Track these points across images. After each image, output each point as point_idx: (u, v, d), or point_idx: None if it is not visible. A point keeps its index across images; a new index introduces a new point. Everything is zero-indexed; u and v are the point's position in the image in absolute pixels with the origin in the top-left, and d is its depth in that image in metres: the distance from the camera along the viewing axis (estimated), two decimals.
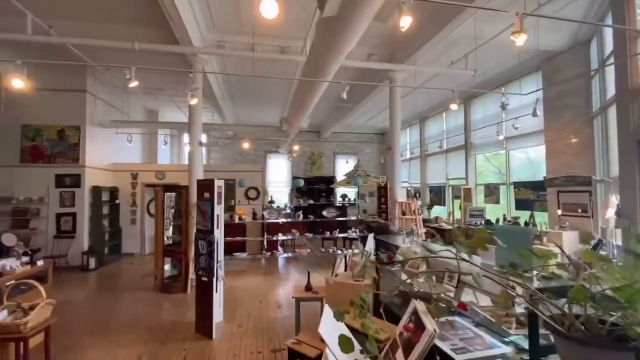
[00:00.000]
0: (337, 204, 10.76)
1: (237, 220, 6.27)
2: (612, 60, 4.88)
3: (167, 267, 5.88)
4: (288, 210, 11.92)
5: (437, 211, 10.50)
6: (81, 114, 7.39)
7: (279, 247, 7.94)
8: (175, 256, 5.73)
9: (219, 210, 3.92)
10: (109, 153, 8.50)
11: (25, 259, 3.20)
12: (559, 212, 6.34)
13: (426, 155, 11.79)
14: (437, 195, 11.14)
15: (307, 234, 7.60)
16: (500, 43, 5.98)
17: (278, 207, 8.09)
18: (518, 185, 7.87)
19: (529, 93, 6.28)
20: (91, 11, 5.12)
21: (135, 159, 9.91)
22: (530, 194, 7.53)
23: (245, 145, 7.85)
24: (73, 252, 7.03)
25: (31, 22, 4.53)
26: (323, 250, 6.45)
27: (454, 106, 5.02)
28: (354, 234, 7.28)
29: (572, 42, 6.13)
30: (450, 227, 9.00)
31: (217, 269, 3.72)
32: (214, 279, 3.70)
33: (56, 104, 7.21)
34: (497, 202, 8.61)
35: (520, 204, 7.79)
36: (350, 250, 6.50)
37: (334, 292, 3.40)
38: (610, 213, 4.73)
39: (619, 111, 4.41)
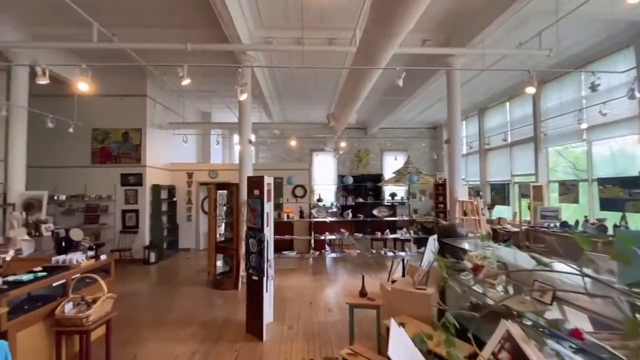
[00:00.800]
0: (386, 203, 10.30)
1: (285, 218, 6.18)
2: None
3: (219, 263, 5.99)
4: (334, 209, 11.73)
5: (500, 211, 9.51)
6: (142, 116, 7.89)
7: (327, 247, 7.76)
8: (227, 253, 5.81)
9: (268, 208, 3.80)
10: (166, 153, 9.00)
11: (90, 253, 3.35)
12: None
13: (486, 150, 10.76)
14: (499, 193, 10.11)
15: (355, 233, 7.31)
16: (579, 17, 5.13)
17: (325, 205, 7.88)
18: (603, 181, 6.75)
19: (627, 70, 5.27)
20: (148, 17, 5.37)
21: (190, 159, 10.42)
22: (619, 192, 6.41)
23: (293, 143, 7.78)
24: (136, 246, 7.53)
25: (97, 31, 4.85)
26: (374, 251, 6.10)
27: (531, 89, 4.36)
28: (407, 235, 6.81)
29: None
30: (516, 229, 8.08)
31: (267, 268, 3.60)
32: (264, 278, 3.58)
33: (121, 108, 7.78)
34: (576, 201, 7.50)
35: (607, 204, 6.67)
36: (405, 253, 6.07)
37: (392, 300, 3.07)
38: None
39: None
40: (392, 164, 12.69)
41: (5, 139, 5.51)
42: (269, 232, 3.76)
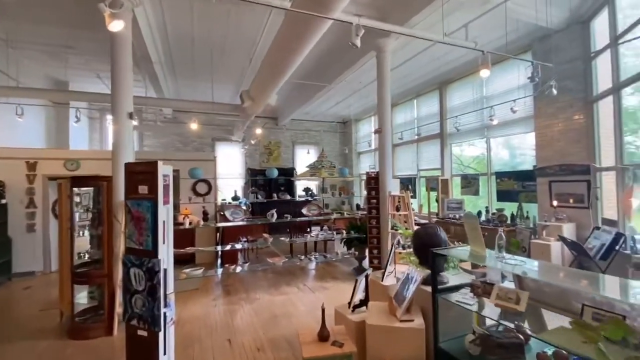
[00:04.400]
0: (298, 199, 9.47)
1: (187, 224, 4.59)
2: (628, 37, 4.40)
3: (80, 296, 4.02)
4: (244, 207, 10.29)
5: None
6: None
7: (243, 257, 6.40)
8: (93, 281, 3.90)
9: (165, 214, 2.38)
10: None
11: None
12: (555, 203, 5.90)
13: (394, 146, 11.05)
14: (407, 187, 10.49)
15: (267, 235, 6.15)
16: (497, 14, 5.26)
17: (241, 203, 6.51)
18: (501, 175, 7.40)
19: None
20: None
21: (35, 143, 7.39)
22: (514, 185, 7.08)
23: (194, 126, 6.09)
24: None
25: None
26: (302, 257, 5.13)
27: (485, 72, 4.05)
28: (330, 235, 6.01)
29: (570, 20, 5.62)
30: (425, 220, 8.33)
31: (164, 315, 2.20)
32: (161, 333, 2.17)
33: None
34: (477, 193, 8.12)
35: (503, 196, 7.34)
36: (335, 255, 5.28)
37: (370, 341, 2.14)
38: (636, 203, 4.28)
39: None
40: (305, 157, 11.97)
41: None
42: (166, 254, 2.34)
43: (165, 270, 2.23)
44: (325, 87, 7.82)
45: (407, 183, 10.47)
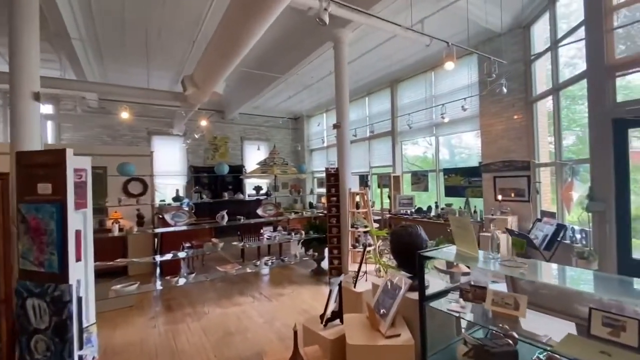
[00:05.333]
0: (249, 199, 8.87)
1: (117, 231, 3.76)
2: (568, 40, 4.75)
3: None
4: (186, 208, 9.34)
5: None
6: None
7: (187, 266, 5.65)
8: None
9: (80, 220, 1.77)
10: None
11: None
12: (500, 197, 6.23)
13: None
14: (365, 184, 10.50)
15: (213, 239, 5.48)
16: (455, 11, 5.37)
17: (185, 204, 5.76)
18: (448, 172, 7.68)
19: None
20: None
21: None
22: (461, 181, 7.39)
23: (124, 114, 5.19)
24: None
25: None
26: (257, 263, 4.61)
27: (449, 64, 3.97)
28: (290, 236, 5.57)
29: (512, 24, 5.96)
30: (377, 216, 8.35)
31: (79, 359, 1.61)
32: None
33: None
34: (426, 189, 8.36)
35: (450, 191, 7.63)
36: (292, 259, 4.88)
37: None
38: (575, 197, 4.61)
39: (591, 89, 4.13)
40: (255, 154, 11.32)
41: None
42: (84, 276, 1.74)
43: (80, 298, 1.64)
44: (277, 79, 7.34)
45: (361, 180, 10.48)
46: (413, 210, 8.15)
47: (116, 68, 7.41)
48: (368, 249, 2.77)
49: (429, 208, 7.83)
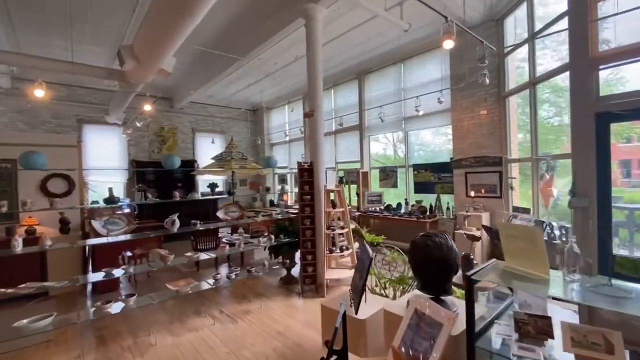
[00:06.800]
0: (203, 198, 7.88)
1: (19, 247, 2.69)
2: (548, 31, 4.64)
3: None
4: (127, 210, 8.06)
5: None
6: None
7: (129, 280, 4.57)
8: None
9: None
10: None
11: None
12: (472, 193, 6.11)
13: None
14: (342, 180, 9.99)
15: (160, 250, 4.48)
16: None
17: (125, 206, 4.71)
18: (418, 167, 7.48)
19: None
20: None
21: None
22: (431, 177, 7.22)
23: (39, 92, 4.03)
24: None
25: None
26: (218, 276, 3.78)
27: (448, 43, 3.52)
28: (257, 240, 4.73)
29: (484, 17, 5.81)
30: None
31: None
32: None
33: None
34: (395, 185, 8.10)
35: (420, 187, 7.44)
36: (263, 268, 4.15)
37: None
38: (555, 192, 4.53)
39: (573, 82, 4.02)
40: (209, 147, 10.24)
41: None
42: None
43: None
44: (237, 61, 6.47)
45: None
46: (382, 207, 7.84)
47: (33, 40, 5.97)
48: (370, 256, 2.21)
49: (399, 205, 7.57)
